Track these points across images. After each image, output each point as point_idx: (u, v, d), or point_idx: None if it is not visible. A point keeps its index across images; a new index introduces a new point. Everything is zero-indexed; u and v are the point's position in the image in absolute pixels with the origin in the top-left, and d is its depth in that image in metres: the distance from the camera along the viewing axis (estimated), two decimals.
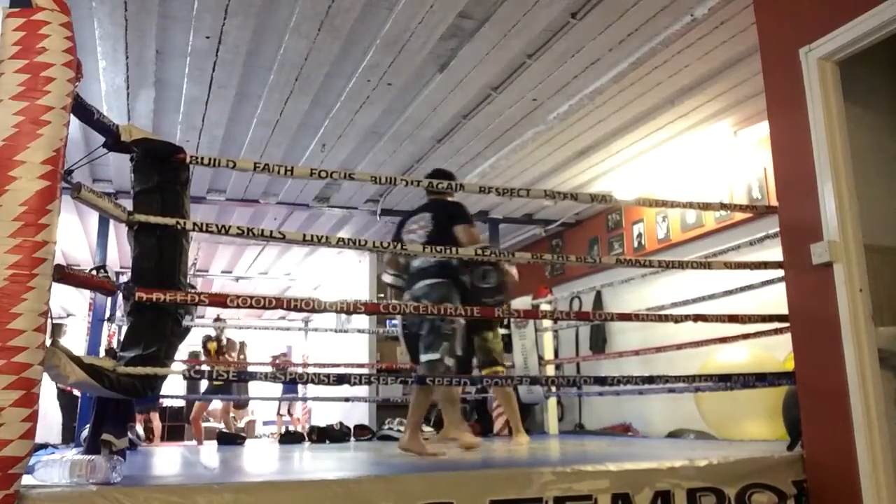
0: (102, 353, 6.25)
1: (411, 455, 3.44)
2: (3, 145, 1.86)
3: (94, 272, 2.45)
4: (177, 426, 9.73)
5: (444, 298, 3.59)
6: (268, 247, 8.33)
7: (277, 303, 2.70)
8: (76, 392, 7.87)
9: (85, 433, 3.86)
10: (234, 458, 4.15)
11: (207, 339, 8.18)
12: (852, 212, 2.61)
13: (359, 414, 7.29)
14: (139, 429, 6.22)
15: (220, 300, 2.87)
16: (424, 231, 3.77)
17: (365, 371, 7.24)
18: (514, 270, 4.36)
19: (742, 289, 4.15)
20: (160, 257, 2.40)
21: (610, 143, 5.51)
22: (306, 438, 6.14)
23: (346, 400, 6.19)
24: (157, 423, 7.70)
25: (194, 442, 7.41)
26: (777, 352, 4.17)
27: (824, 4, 2.74)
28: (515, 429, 4.79)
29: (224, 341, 8.12)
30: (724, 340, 4.40)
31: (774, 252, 3.08)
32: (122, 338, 2.88)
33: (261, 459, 4.16)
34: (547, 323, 6.18)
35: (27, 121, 1.89)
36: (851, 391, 2.49)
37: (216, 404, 8.83)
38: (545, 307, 6.08)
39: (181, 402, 9.03)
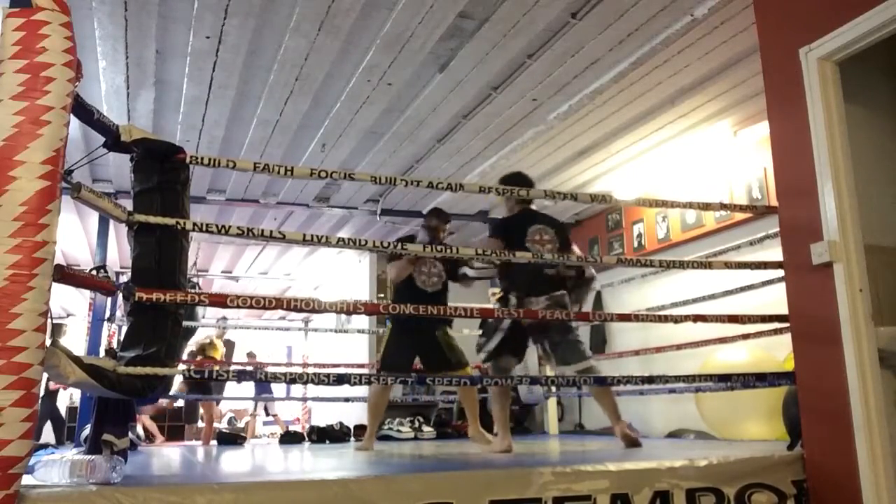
0: (102, 353, 6.25)
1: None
2: (3, 145, 1.86)
3: (94, 272, 2.45)
4: (177, 426, 9.72)
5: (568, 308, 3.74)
6: (268, 247, 8.33)
7: (277, 303, 2.70)
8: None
9: (85, 433, 3.86)
10: (233, 457, 4.15)
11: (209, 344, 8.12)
12: (852, 212, 2.61)
13: (359, 414, 7.28)
14: (140, 429, 6.20)
15: (220, 300, 2.87)
16: (553, 247, 3.79)
17: (365, 371, 7.23)
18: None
19: (742, 289, 4.16)
20: (160, 257, 2.40)
21: (610, 143, 5.50)
22: (306, 438, 6.14)
23: (346, 400, 6.18)
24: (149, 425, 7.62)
25: (199, 442, 7.34)
26: (777, 352, 4.17)
27: (824, 4, 2.74)
28: (475, 429, 4.41)
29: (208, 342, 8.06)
30: (723, 340, 4.41)
31: (774, 252, 3.08)
32: (122, 338, 2.88)
33: (260, 459, 4.16)
34: None
35: (27, 121, 1.88)
36: (851, 391, 2.49)
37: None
38: None
39: (180, 402, 9.01)
